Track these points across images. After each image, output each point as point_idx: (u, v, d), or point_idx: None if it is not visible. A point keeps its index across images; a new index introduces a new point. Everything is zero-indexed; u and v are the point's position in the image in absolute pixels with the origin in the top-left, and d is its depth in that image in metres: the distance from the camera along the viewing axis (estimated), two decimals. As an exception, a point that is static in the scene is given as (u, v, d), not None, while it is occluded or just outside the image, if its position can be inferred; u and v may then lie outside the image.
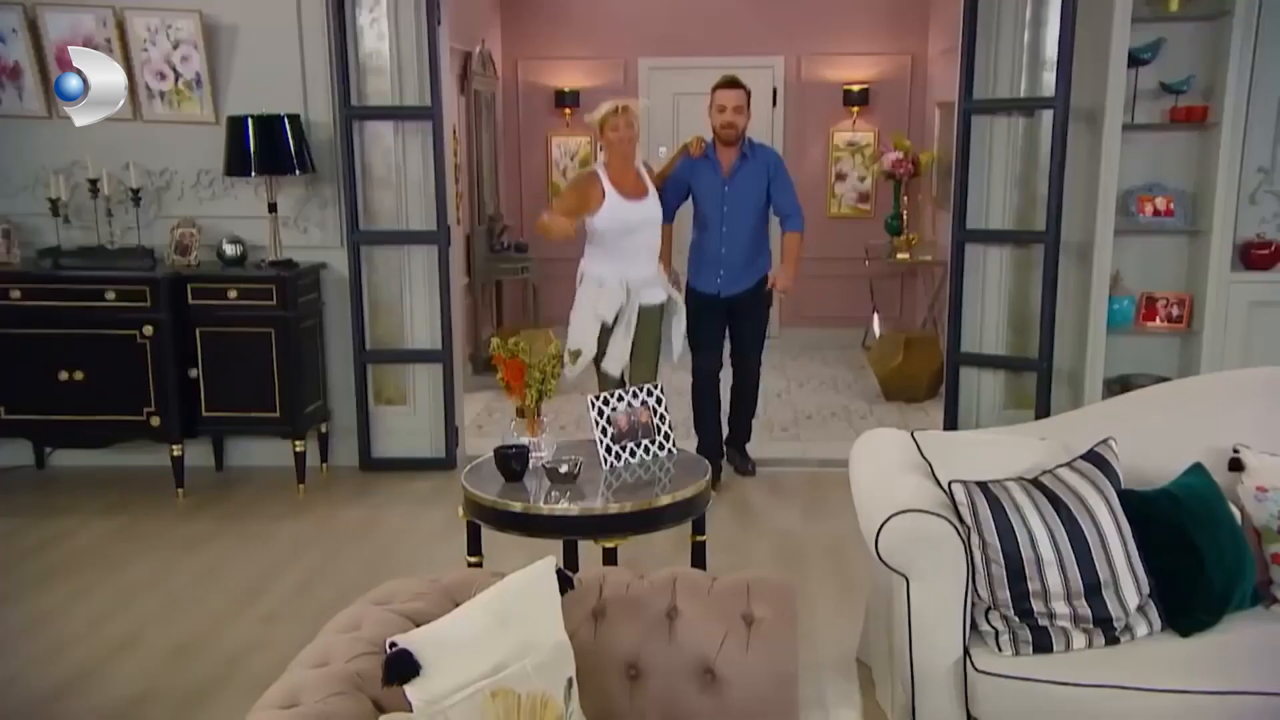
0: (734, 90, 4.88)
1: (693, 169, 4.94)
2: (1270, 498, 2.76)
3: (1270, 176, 4.83)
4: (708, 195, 4.95)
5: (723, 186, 4.92)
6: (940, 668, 2.53)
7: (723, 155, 4.95)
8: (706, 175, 4.93)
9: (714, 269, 4.98)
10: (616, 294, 4.60)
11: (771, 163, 5.01)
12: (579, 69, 8.66)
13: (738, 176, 4.93)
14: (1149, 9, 4.67)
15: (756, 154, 4.99)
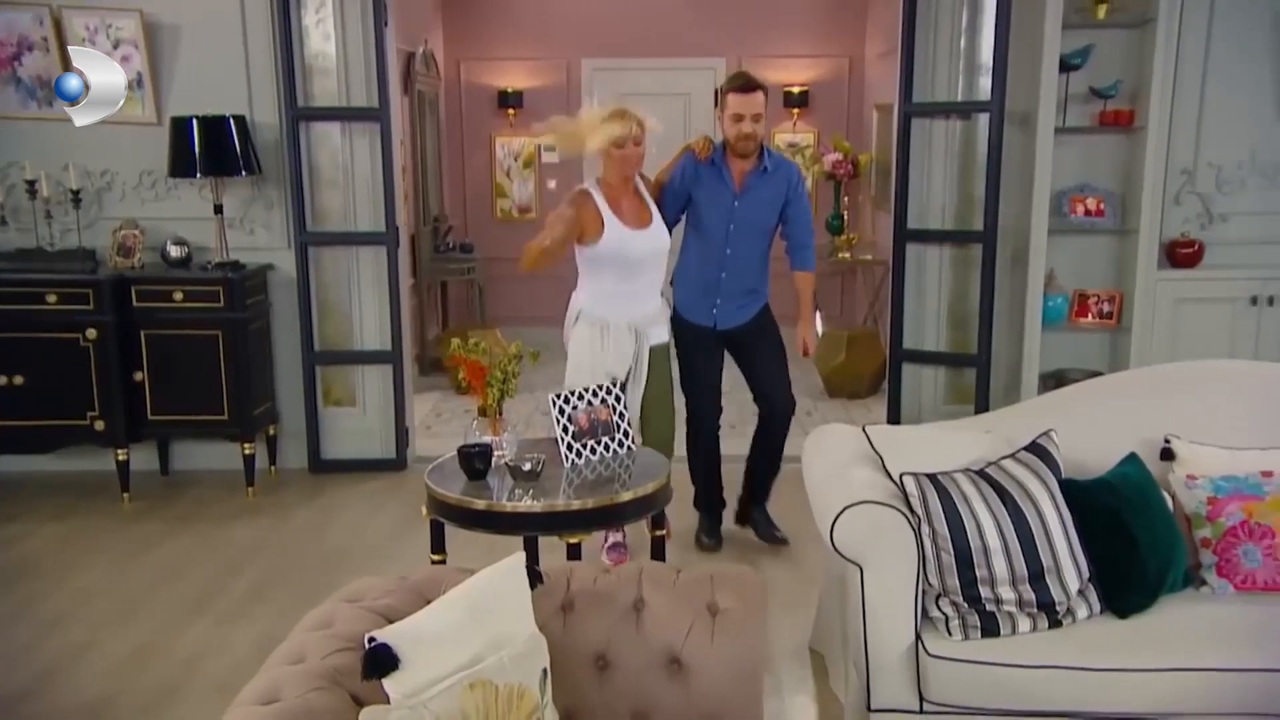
0: (752, 95, 3.99)
1: (697, 176, 4.11)
2: (1199, 485, 2.91)
3: (1192, 178, 5.05)
4: (712, 210, 4.10)
5: (732, 202, 4.08)
6: (894, 653, 2.62)
7: (734, 165, 4.09)
8: (713, 186, 4.09)
9: (709, 297, 4.17)
10: (625, 341, 3.87)
11: (792, 180, 4.17)
12: (522, 69, 8.68)
13: (751, 192, 4.09)
14: (1078, 16, 4.84)
15: (777, 168, 4.14)
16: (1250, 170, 5.01)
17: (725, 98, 4.03)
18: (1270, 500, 2.84)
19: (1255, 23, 4.88)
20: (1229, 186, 5.02)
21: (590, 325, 3.89)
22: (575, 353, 3.93)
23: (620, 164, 3.81)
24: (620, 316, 3.89)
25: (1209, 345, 4.80)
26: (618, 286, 3.88)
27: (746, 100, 3.98)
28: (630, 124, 3.73)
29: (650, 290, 3.99)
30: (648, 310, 3.97)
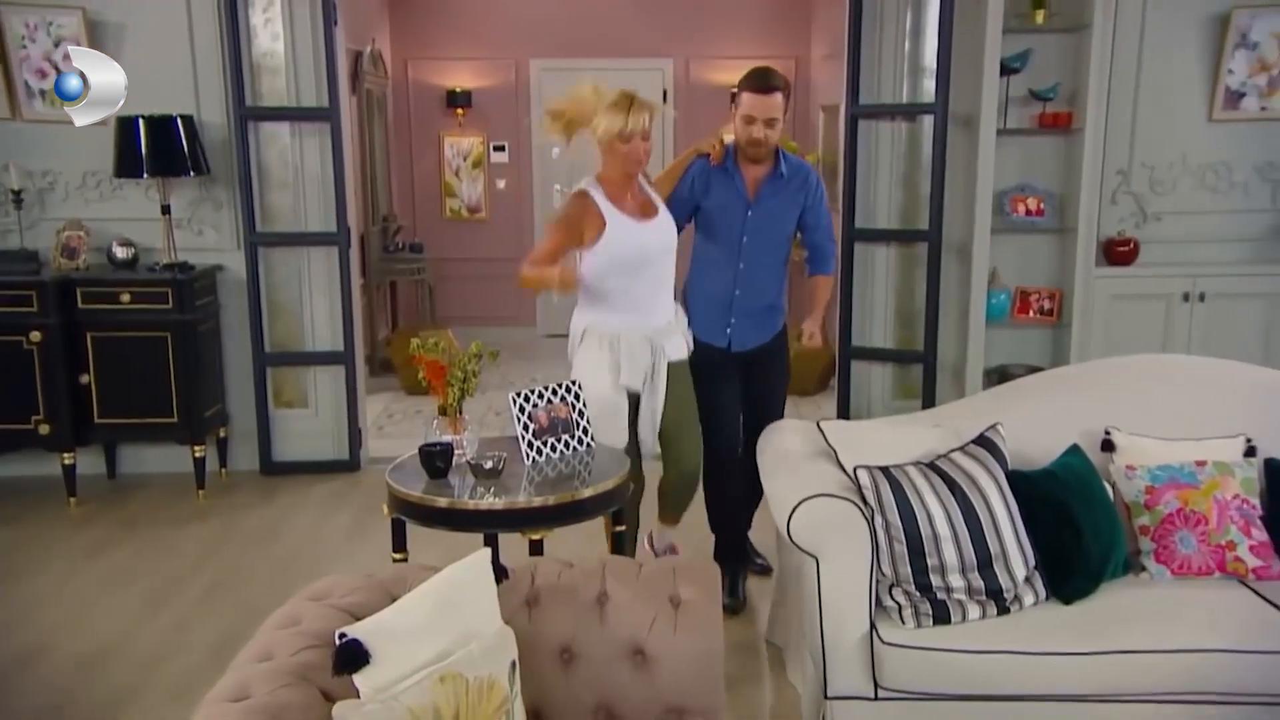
0: (769, 96, 3.55)
1: (708, 182, 3.69)
2: (1138, 475, 3.03)
3: (1128, 178, 5.20)
4: (724, 220, 3.68)
5: (745, 211, 3.67)
6: (849, 642, 2.69)
7: (748, 171, 3.69)
8: (725, 194, 3.68)
9: (723, 316, 3.73)
10: (640, 355, 3.40)
11: (811, 185, 3.79)
12: (470, 69, 8.68)
13: (766, 200, 3.69)
14: (1017, 21, 4.97)
15: (794, 172, 3.75)
16: (1182, 171, 5.18)
17: (739, 96, 3.60)
18: (1204, 488, 2.97)
19: (1184, 29, 5.04)
20: (1162, 186, 5.19)
21: (599, 341, 3.39)
22: (587, 377, 3.34)
23: (624, 160, 3.31)
24: (633, 328, 3.41)
25: (1144, 340, 4.96)
26: (626, 288, 3.38)
27: (762, 102, 3.53)
28: (642, 116, 3.25)
29: (662, 294, 3.51)
30: (661, 320, 3.49)
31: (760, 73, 3.62)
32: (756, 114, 3.54)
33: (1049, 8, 4.96)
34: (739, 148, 3.68)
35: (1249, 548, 2.90)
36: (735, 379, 3.78)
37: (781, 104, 3.57)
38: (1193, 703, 2.63)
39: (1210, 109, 5.12)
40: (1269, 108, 5.09)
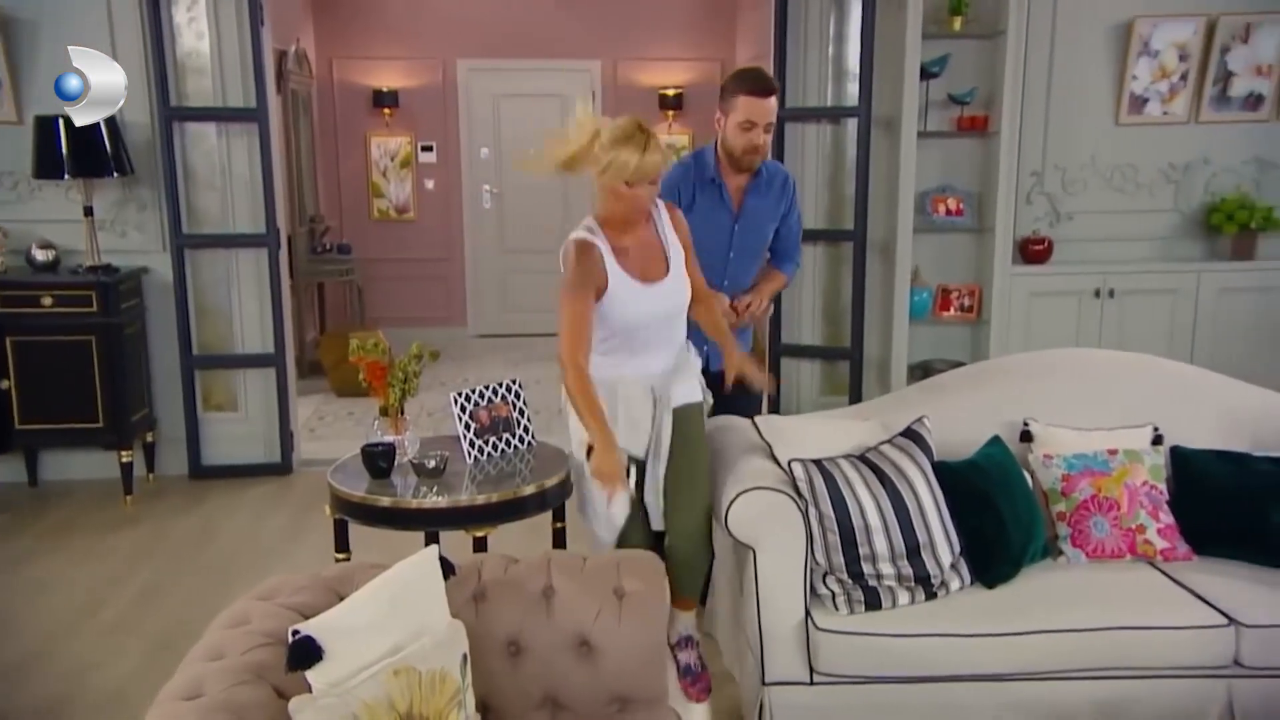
0: (770, 99, 3.29)
1: (692, 194, 3.41)
2: (1055, 464, 3.18)
3: (1041, 179, 5.41)
4: (709, 236, 3.32)
5: (732, 225, 3.44)
6: (786, 629, 2.78)
7: (731, 181, 3.42)
8: (710, 209, 3.40)
9: (701, 335, 3.30)
10: (640, 408, 2.96)
11: (790, 190, 3.56)
12: (396, 69, 8.63)
13: (750, 210, 3.47)
14: (936, 27, 5.14)
15: (773, 175, 3.51)
16: (1092, 172, 5.40)
17: (733, 99, 3.28)
18: (1115, 475, 3.12)
19: (1091, 37, 5.27)
20: (1074, 187, 5.41)
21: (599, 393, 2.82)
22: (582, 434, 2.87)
23: (631, 204, 2.82)
24: (634, 376, 2.96)
25: (1059, 335, 5.17)
26: (626, 344, 2.95)
27: (763, 106, 3.26)
28: (656, 157, 2.76)
29: (668, 342, 3.04)
30: (667, 363, 3.03)
31: (757, 73, 3.36)
32: (757, 119, 3.27)
33: (966, 15, 5.14)
34: (730, 156, 3.37)
35: (1157, 531, 3.07)
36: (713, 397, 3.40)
37: (776, 107, 3.35)
38: (1108, 678, 2.77)
39: (1117, 113, 5.35)
40: (1170, 112, 5.34)
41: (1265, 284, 5.30)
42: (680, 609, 3.04)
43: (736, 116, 3.29)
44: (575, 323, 2.78)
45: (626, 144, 2.74)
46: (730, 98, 3.32)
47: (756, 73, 3.39)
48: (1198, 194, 5.42)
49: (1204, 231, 5.44)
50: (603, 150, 2.76)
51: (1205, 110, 5.32)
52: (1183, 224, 5.46)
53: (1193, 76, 5.27)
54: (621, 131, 2.75)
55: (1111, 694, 2.77)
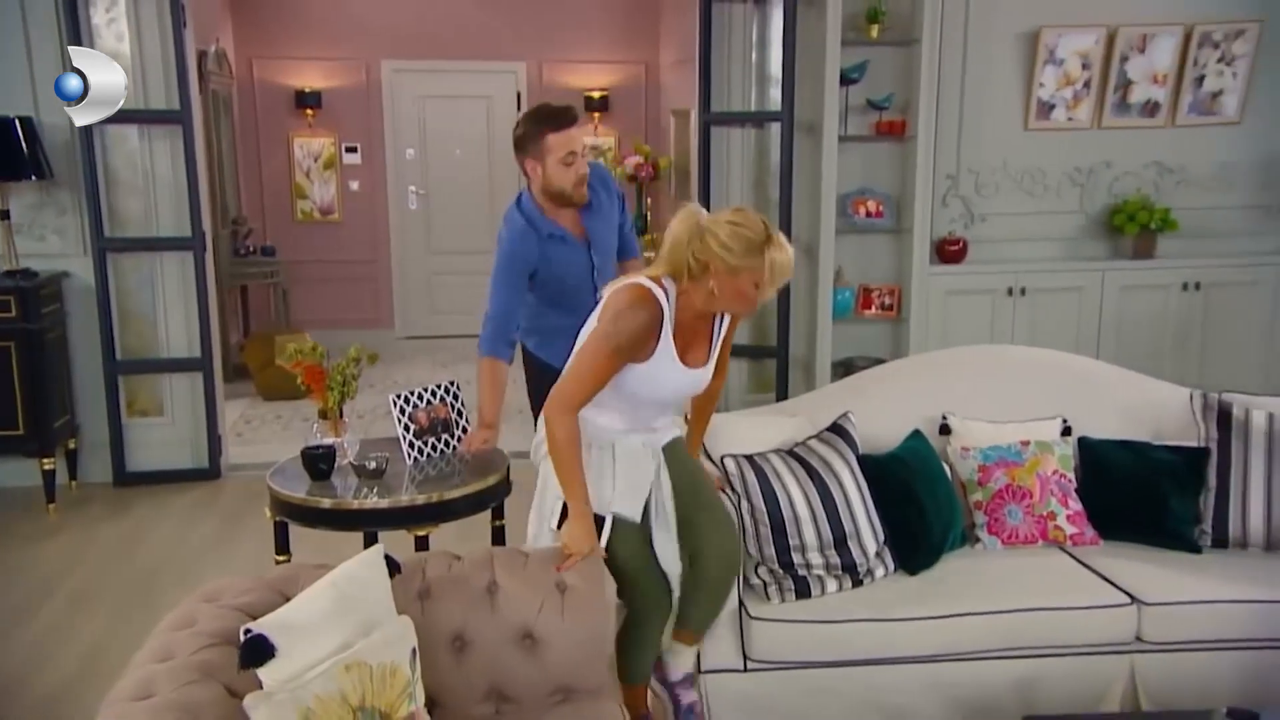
0: (578, 127, 3.25)
1: (543, 254, 3.29)
2: (971, 455, 3.34)
3: (956, 182, 5.62)
4: (574, 277, 3.34)
5: (590, 259, 3.36)
6: (720, 619, 2.88)
7: (564, 216, 3.32)
8: (564, 255, 3.32)
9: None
10: (641, 464, 2.75)
11: (611, 187, 3.48)
12: (319, 69, 8.55)
13: (595, 231, 3.39)
14: (854, 34, 5.30)
15: (596, 182, 3.38)
16: (1003, 175, 5.63)
17: (542, 142, 3.17)
18: (1028, 465, 3.29)
19: (1001, 46, 5.48)
20: (986, 190, 5.62)
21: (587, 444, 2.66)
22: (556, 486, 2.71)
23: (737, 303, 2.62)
24: (639, 436, 2.77)
25: (974, 332, 5.38)
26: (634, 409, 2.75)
27: (576, 135, 3.20)
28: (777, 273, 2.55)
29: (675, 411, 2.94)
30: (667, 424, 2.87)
31: (553, 108, 3.26)
32: (575, 148, 3.19)
33: (883, 23, 5.31)
34: (559, 196, 3.25)
35: (1066, 517, 3.24)
36: None
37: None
38: (1024, 657, 2.92)
39: (1025, 119, 5.58)
40: (1075, 118, 5.58)
41: (1163, 282, 5.59)
42: (685, 643, 2.86)
43: (555, 155, 3.18)
44: (594, 379, 2.58)
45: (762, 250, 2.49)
46: (536, 141, 3.19)
47: (554, 107, 3.28)
48: (1101, 196, 5.68)
49: (1107, 232, 5.70)
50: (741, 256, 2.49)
51: (1107, 116, 5.58)
52: (1088, 225, 5.72)
53: (1095, 84, 5.52)
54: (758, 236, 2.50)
55: (1027, 672, 2.93)
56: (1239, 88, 5.55)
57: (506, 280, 3.27)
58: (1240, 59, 5.49)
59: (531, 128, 3.21)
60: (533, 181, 3.27)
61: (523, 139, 3.23)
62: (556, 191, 3.24)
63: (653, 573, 2.75)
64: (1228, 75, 5.53)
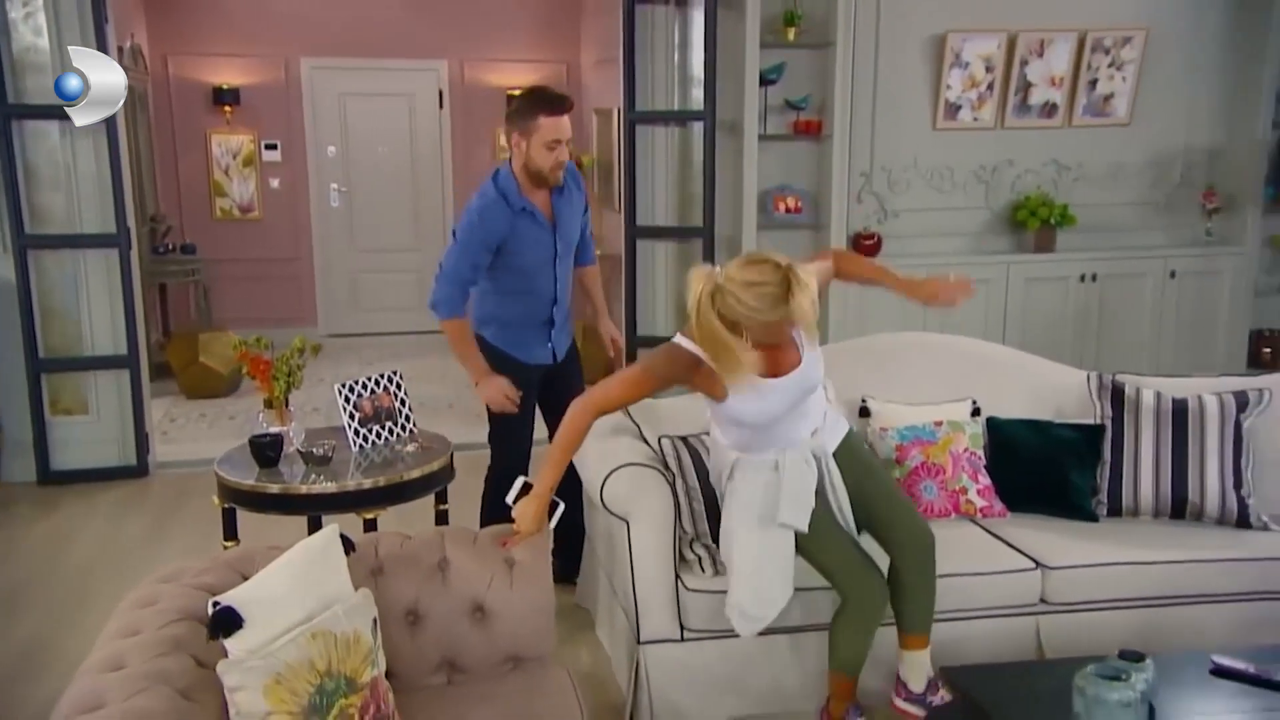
0: (568, 114, 3.39)
1: (512, 228, 3.41)
2: (889, 435, 3.55)
3: (870, 180, 5.87)
4: (535, 254, 3.48)
5: (553, 239, 3.50)
6: (658, 590, 3.03)
7: (537, 198, 3.45)
8: (530, 233, 3.44)
9: (545, 333, 3.60)
10: (803, 476, 2.79)
11: (579, 182, 3.65)
12: (236, 66, 8.48)
13: (563, 217, 3.54)
14: (772, 37, 5.51)
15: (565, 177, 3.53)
16: (914, 173, 5.90)
17: (533, 120, 3.30)
18: (941, 444, 3.51)
19: (911, 49, 5.75)
20: (898, 187, 5.89)
21: (755, 470, 2.77)
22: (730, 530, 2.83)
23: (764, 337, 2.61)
24: (791, 451, 2.79)
25: (889, 321, 5.57)
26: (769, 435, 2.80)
27: (565, 123, 3.34)
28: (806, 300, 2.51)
29: (814, 411, 2.89)
30: (817, 422, 2.89)
31: (554, 94, 3.43)
32: (562, 135, 3.34)
33: (799, 26, 5.53)
34: (536, 175, 3.39)
35: (977, 491, 3.47)
36: (535, 391, 3.65)
37: None
38: (940, 620, 3.10)
39: (934, 119, 5.86)
40: (979, 119, 5.88)
41: (1063, 273, 5.92)
42: (916, 648, 2.89)
43: (542, 136, 3.31)
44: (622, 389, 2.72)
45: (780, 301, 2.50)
46: (528, 119, 3.32)
47: (552, 93, 3.44)
48: (1005, 193, 5.99)
49: (1011, 227, 6.01)
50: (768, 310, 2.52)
51: (1009, 117, 5.89)
52: (993, 220, 6.03)
53: (998, 86, 5.82)
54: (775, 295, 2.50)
55: (944, 634, 3.11)
56: (1128, 91, 5.91)
57: (468, 245, 3.37)
58: (1129, 64, 5.85)
59: (528, 105, 3.36)
60: (515, 156, 3.41)
61: (517, 114, 3.37)
62: (535, 170, 3.38)
63: (853, 556, 2.83)
64: (1118, 79, 5.88)
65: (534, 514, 2.63)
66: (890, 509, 2.92)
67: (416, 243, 9.06)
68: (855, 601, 2.84)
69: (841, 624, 2.88)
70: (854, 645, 2.86)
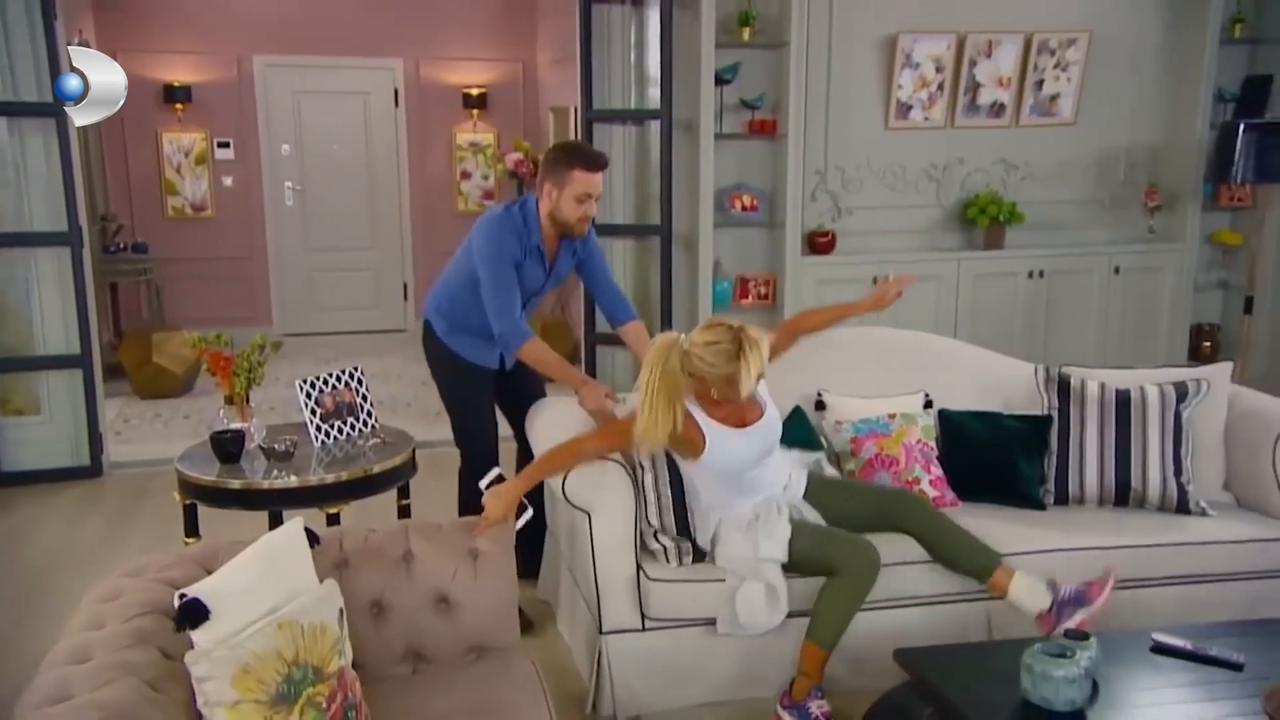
0: (602, 172, 3.45)
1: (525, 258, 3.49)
2: (845, 428, 3.63)
3: (824, 178, 5.96)
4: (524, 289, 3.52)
5: (545, 276, 3.62)
6: (619, 582, 3.08)
7: (550, 245, 3.57)
8: (530, 267, 3.53)
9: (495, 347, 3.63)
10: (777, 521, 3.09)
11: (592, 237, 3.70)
12: (188, 63, 8.39)
13: (561, 261, 3.66)
14: (727, 37, 5.57)
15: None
16: (867, 172, 5.99)
17: (569, 173, 3.37)
18: (894, 436, 3.60)
19: (863, 49, 5.83)
20: (852, 185, 5.98)
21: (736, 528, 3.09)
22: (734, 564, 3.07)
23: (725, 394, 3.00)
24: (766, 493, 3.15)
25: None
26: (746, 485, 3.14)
27: (598, 180, 3.42)
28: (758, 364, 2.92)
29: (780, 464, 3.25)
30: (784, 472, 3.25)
31: (590, 150, 3.54)
32: (593, 191, 3.41)
33: (754, 26, 5.60)
34: (562, 225, 3.47)
35: (929, 481, 3.55)
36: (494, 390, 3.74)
37: None
38: (896, 607, 3.21)
39: (886, 118, 5.96)
40: (930, 118, 5.99)
41: (1012, 270, 6.05)
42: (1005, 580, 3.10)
43: (574, 190, 3.38)
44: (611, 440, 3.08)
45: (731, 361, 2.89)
46: (564, 171, 3.38)
47: (589, 149, 3.56)
48: (955, 191, 6.11)
49: (961, 225, 6.14)
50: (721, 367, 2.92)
51: (959, 117, 6.00)
52: (944, 218, 6.14)
53: (947, 86, 5.94)
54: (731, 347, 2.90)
55: (897, 621, 3.20)
56: (1073, 91, 6.05)
57: (501, 270, 3.40)
58: (1073, 65, 6.00)
59: (565, 158, 3.43)
60: (544, 203, 3.46)
61: (553, 164, 3.43)
62: (562, 220, 3.45)
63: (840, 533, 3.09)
64: (1063, 80, 6.02)
65: (503, 504, 2.73)
66: (880, 500, 3.26)
67: (372, 242, 9.04)
68: (850, 567, 3.01)
69: (832, 590, 3.00)
70: (840, 612, 3.00)
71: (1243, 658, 2.51)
